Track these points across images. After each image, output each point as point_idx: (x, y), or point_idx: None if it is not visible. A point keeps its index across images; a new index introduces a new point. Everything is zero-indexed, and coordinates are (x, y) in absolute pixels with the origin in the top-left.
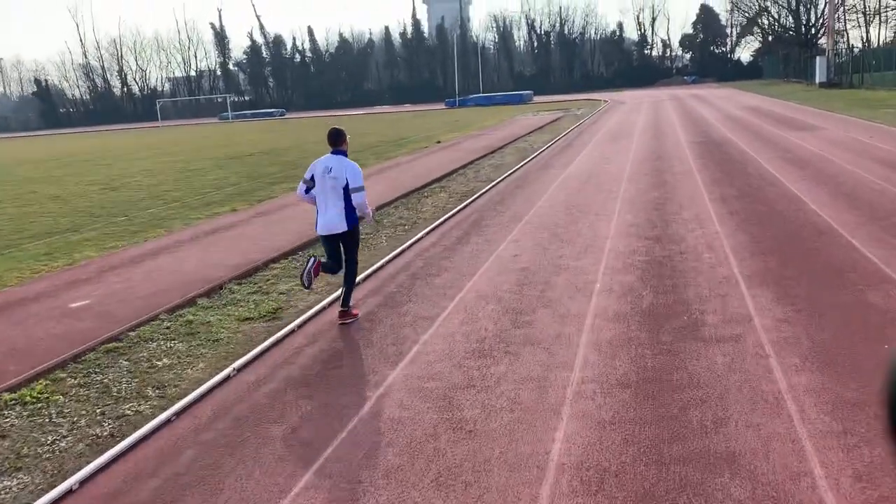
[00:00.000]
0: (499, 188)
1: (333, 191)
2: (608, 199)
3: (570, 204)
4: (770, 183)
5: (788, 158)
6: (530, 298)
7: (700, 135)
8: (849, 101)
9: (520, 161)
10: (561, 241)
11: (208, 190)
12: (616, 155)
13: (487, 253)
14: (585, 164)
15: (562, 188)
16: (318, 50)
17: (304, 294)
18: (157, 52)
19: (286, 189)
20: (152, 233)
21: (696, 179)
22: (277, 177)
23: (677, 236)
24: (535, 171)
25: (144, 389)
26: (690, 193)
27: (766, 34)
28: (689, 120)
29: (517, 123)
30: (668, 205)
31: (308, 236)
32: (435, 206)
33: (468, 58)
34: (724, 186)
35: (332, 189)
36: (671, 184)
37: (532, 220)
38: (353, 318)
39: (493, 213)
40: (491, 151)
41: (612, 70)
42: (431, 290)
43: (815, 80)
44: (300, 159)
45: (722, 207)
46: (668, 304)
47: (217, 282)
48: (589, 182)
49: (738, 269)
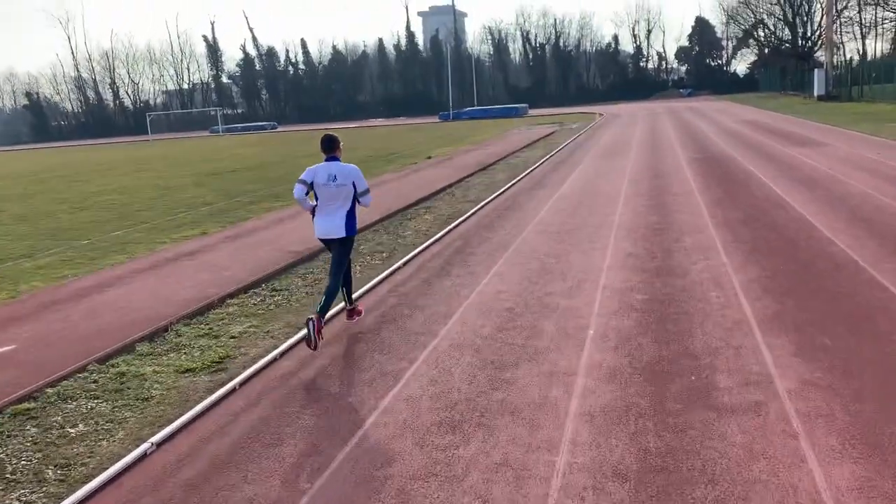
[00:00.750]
0: (487, 210)
1: (340, 198)
2: (603, 223)
3: (562, 229)
4: (777, 205)
5: (795, 177)
6: (513, 348)
7: (699, 150)
8: (849, 114)
9: (511, 179)
10: (551, 274)
11: (182, 210)
12: (611, 173)
13: (468, 288)
14: (579, 182)
15: (554, 210)
16: (312, 62)
17: (258, 338)
18: (149, 64)
19: (263, 209)
20: (111, 259)
21: (698, 201)
22: (257, 195)
23: (680, 269)
24: (527, 190)
25: (44, 470)
26: (692, 217)
27: (762, 46)
28: (687, 134)
29: (511, 138)
30: (668, 231)
31: (276, 265)
32: (417, 230)
33: (463, 70)
34: (727, 209)
35: (338, 197)
36: (671, 206)
37: (520, 249)
38: (358, 316)
39: (479, 239)
40: (482, 168)
41: (607, 83)
42: (401, 335)
43: (813, 93)
44: (286, 175)
45: (727, 234)
46: (672, 357)
47: (164, 321)
48: (582, 204)
49: (751, 311)
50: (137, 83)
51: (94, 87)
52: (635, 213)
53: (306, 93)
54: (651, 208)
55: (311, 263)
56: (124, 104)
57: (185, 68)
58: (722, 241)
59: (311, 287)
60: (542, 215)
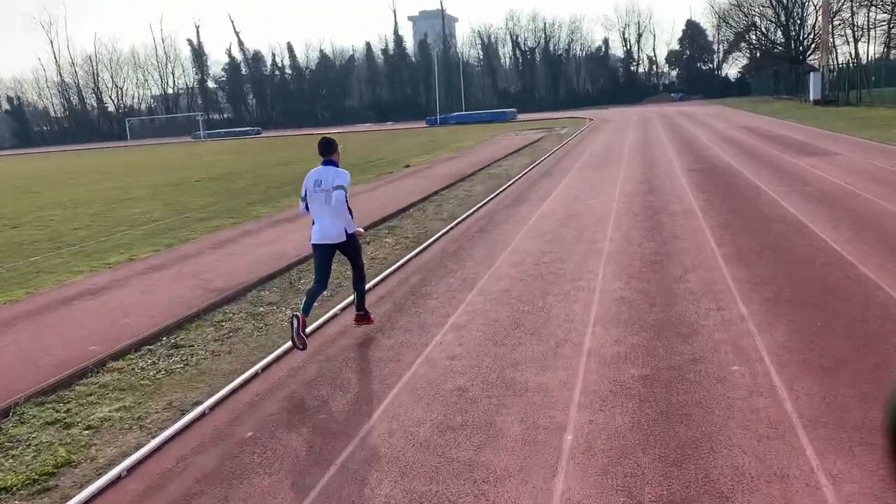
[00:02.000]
0: (458, 232)
1: (327, 202)
2: (590, 253)
3: (541, 260)
4: (795, 230)
5: (809, 193)
6: (455, 469)
7: (697, 160)
8: (851, 120)
9: (490, 192)
10: (521, 329)
11: (121, 229)
12: (601, 186)
13: (414, 352)
14: (564, 198)
15: (533, 234)
16: (299, 66)
17: (123, 429)
18: (133, 69)
19: (209, 229)
20: (7, 296)
21: (701, 223)
22: (209, 210)
23: (686, 324)
24: (505, 207)
25: None
26: (696, 246)
27: (754, 50)
28: (682, 142)
29: (496, 144)
30: (668, 264)
31: (189, 308)
32: (373, 258)
33: (452, 75)
34: (737, 234)
35: (325, 201)
36: (669, 230)
37: (488, 289)
38: (368, 323)
39: (442, 272)
40: (461, 179)
41: (597, 87)
42: (303, 442)
43: (808, 97)
44: (248, 187)
45: (741, 271)
46: (689, 496)
47: (10, 399)
48: (567, 225)
49: (791, 400)
50: (121, 88)
51: (78, 91)
52: (627, 239)
53: (293, 97)
54: (646, 232)
55: (232, 307)
56: (108, 109)
57: (169, 73)
58: (736, 280)
59: (221, 342)
60: (518, 240)
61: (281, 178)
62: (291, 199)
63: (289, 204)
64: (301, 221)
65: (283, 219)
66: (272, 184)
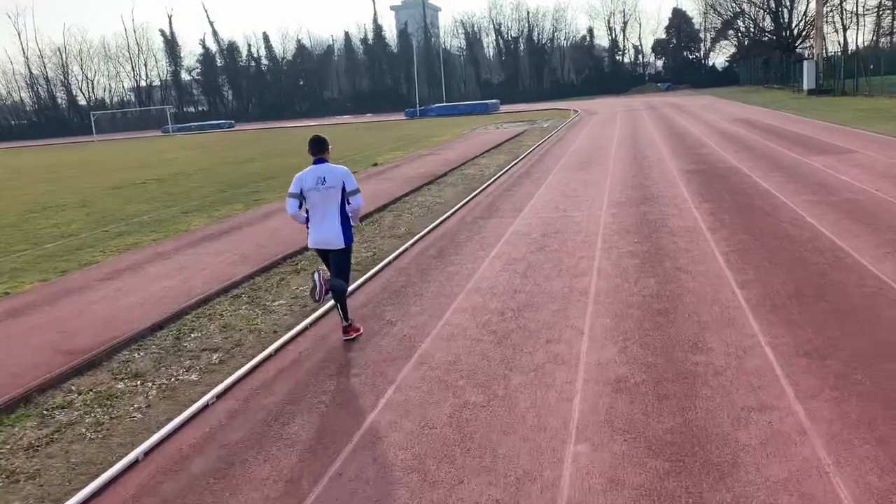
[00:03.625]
0: (410, 256)
1: (331, 200)
2: (572, 295)
3: (508, 306)
4: (838, 261)
5: (837, 205)
6: None
7: (694, 159)
8: (854, 111)
9: (460, 199)
10: (464, 452)
11: (22, 248)
12: (586, 193)
13: (289, 500)
14: (544, 208)
15: (502, 263)
16: (275, 57)
17: None
18: (104, 60)
19: (122, 248)
20: None
21: (710, 247)
22: (135, 222)
23: (717, 440)
24: (474, 220)
25: None
26: (710, 286)
27: (742, 38)
28: (675, 136)
29: (474, 139)
30: (676, 317)
31: (17, 386)
32: (295, 298)
33: (433, 65)
34: (762, 267)
35: (329, 199)
36: (672, 257)
37: (431, 358)
38: (357, 333)
39: (376, 326)
40: (430, 181)
41: (582, 77)
42: None
43: (802, 86)
44: (196, 189)
45: (782, 333)
46: None
47: None
48: (545, 249)
49: None
50: (92, 80)
51: (47, 84)
52: (620, 271)
53: (270, 89)
54: (643, 261)
55: (84, 380)
56: (78, 102)
57: (142, 64)
58: (777, 349)
59: (34, 451)
60: (482, 272)
61: (232, 179)
62: (232, 207)
63: (227, 214)
64: (224, 239)
65: (210, 235)
66: (220, 186)
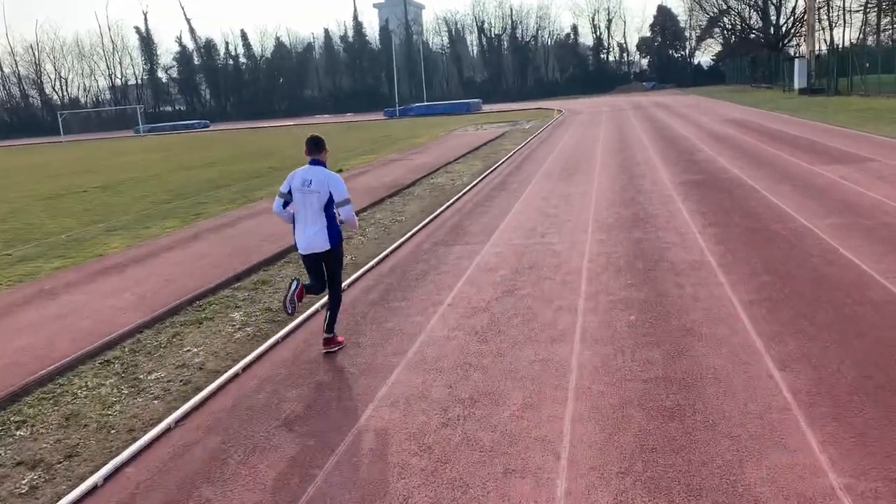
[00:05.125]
0: (346, 301)
1: (314, 207)
2: (544, 376)
3: (455, 396)
4: None
5: (874, 231)
6: None
7: (689, 167)
8: (854, 112)
9: (422, 218)
10: None
11: None
12: (568, 211)
13: None
14: (517, 232)
15: (457, 316)
16: (254, 55)
17: None
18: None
19: (23, 276)
20: None
21: (729, 298)
22: (47, 243)
23: None
24: (432, 247)
25: None
26: (738, 363)
27: (728, 36)
28: (665, 140)
29: (451, 141)
30: (694, 423)
31: None
32: (181, 367)
33: (415, 64)
34: (805, 338)
35: (312, 205)
36: (679, 310)
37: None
38: (338, 346)
39: (263, 436)
40: (394, 192)
41: (566, 76)
42: None
43: (792, 85)
44: (134, 201)
45: (856, 457)
46: None
47: None
48: (514, 293)
49: None
50: (66, 79)
51: (19, 83)
52: (611, 338)
53: (248, 88)
54: (643, 320)
55: None
56: (52, 101)
57: (117, 62)
58: (849, 491)
59: None
60: (432, 328)
61: (182, 187)
62: (164, 225)
63: (154, 233)
64: (132, 270)
65: (119, 264)
66: (165, 196)
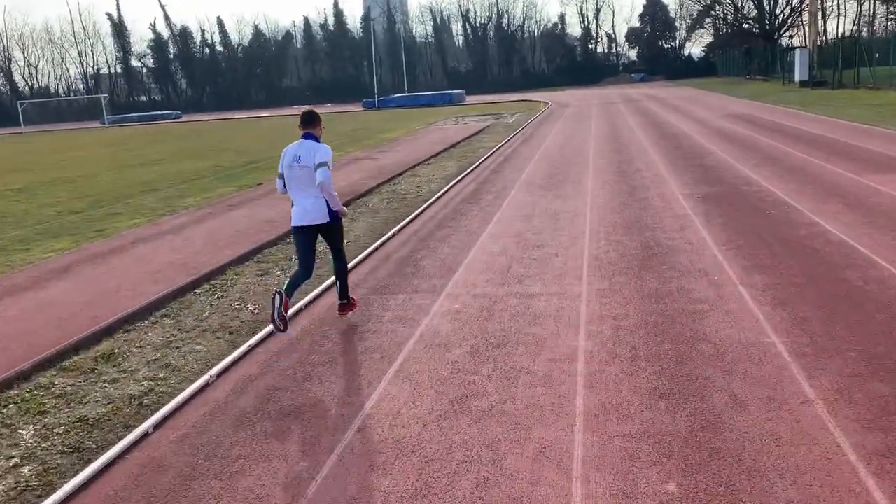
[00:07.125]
0: (195, 414)
1: (305, 180)
2: None
3: None
4: None
5: None
6: None
7: (703, 176)
8: (868, 106)
9: (366, 245)
10: None
11: None
12: (555, 239)
13: None
14: (486, 272)
15: (361, 469)
16: (230, 44)
17: None
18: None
19: None
20: None
21: (834, 441)
22: None
23: None
24: (363, 299)
25: None
26: None
27: (720, 26)
28: (666, 139)
29: (426, 136)
30: None
31: None
32: None
33: (398, 53)
34: None
35: (304, 179)
36: (751, 455)
37: None
38: (353, 309)
39: None
40: (343, 204)
41: (553, 67)
42: None
43: (793, 77)
44: (51, 205)
45: None
46: None
47: None
48: (465, 411)
49: None
50: (36, 66)
51: None
52: None
53: (224, 77)
54: (689, 494)
55: None
56: (20, 90)
57: (89, 50)
58: None
59: None
60: (352, 445)
61: (106, 191)
62: (57, 243)
63: (33, 257)
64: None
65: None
66: (80, 203)
